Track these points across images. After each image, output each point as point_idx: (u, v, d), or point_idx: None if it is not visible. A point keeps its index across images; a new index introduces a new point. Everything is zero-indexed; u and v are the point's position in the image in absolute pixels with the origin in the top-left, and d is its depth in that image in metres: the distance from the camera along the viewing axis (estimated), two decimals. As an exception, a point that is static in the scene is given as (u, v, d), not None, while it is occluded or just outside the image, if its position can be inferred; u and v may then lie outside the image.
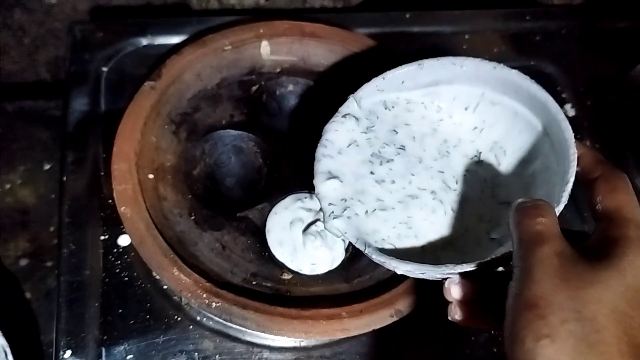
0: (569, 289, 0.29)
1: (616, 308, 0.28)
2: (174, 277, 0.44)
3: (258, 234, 0.50)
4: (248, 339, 0.47)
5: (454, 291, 0.36)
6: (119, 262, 0.50)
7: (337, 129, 0.44)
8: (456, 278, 0.36)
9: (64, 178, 0.53)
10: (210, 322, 0.47)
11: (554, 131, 0.39)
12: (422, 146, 0.44)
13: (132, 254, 0.50)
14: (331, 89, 0.58)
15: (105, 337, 0.46)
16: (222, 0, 0.74)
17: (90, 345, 0.46)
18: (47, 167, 0.68)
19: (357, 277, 0.49)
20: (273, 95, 0.58)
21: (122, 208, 0.47)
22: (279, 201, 0.51)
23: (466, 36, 0.67)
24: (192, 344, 0.47)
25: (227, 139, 0.54)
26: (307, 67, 0.59)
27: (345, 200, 0.41)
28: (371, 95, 0.44)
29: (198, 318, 0.48)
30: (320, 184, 0.42)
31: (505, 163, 0.43)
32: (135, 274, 0.49)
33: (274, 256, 0.49)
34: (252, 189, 0.54)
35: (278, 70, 0.59)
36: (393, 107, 0.45)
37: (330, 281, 0.49)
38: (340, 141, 0.43)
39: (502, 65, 0.42)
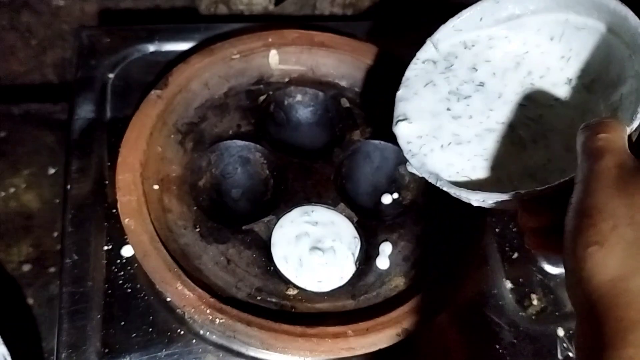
0: (624, 196, 0.28)
1: None
2: (178, 292, 0.44)
3: (263, 247, 0.49)
4: (252, 354, 0.46)
5: (525, 219, 0.36)
6: (122, 273, 0.49)
7: (415, 73, 0.45)
8: (528, 206, 0.36)
9: (68, 186, 0.52)
10: (214, 337, 0.47)
11: (637, 47, 0.38)
12: (503, 81, 0.44)
13: (136, 265, 0.49)
14: (340, 99, 0.58)
15: (106, 350, 0.46)
16: (231, 5, 0.73)
17: (91, 358, 0.45)
18: (51, 171, 0.68)
19: (364, 293, 0.48)
20: (281, 105, 0.57)
21: (126, 220, 0.46)
22: (285, 214, 0.50)
23: None
24: (194, 359, 0.46)
25: (233, 149, 0.54)
26: (315, 77, 0.58)
27: (422, 137, 0.43)
28: (449, 36, 0.45)
29: (201, 332, 0.47)
30: (395, 126, 0.44)
31: (594, 90, 0.42)
32: (139, 285, 0.48)
33: (279, 271, 0.48)
34: (258, 201, 0.53)
35: (286, 79, 0.58)
36: (473, 45, 0.45)
37: (336, 297, 0.48)
38: (418, 83, 0.44)
39: None
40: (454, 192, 0.40)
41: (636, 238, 0.27)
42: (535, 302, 0.52)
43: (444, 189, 0.40)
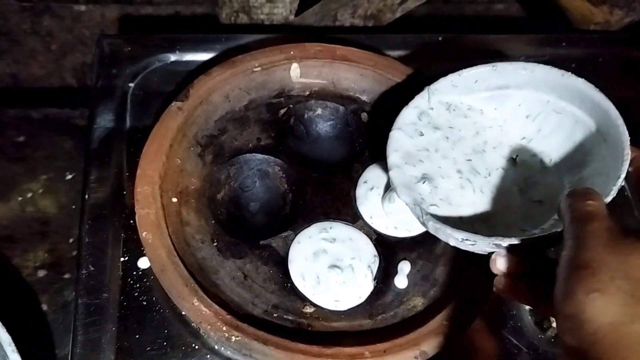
0: (618, 254, 0.32)
1: None
2: (194, 308, 0.43)
3: (281, 263, 0.49)
4: (267, 371, 0.46)
5: (499, 263, 0.39)
6: (138, 285, 0.49)
7: (408, 117, 0.48)
8: (503, 251, 0.39)
9: (86, 196, 0.52)
10: (229, 352, 0.46)
11: (611, 135, 0.42)
12: (458, 144, 0.48)
13: (152, 277, 0.49)
14: (360, 114, 0.57)
15: (121, 363, 0.46)
16: (252, 15, 0.73)
17: (105, 372, 0.45)
18: (69, 176, 0.68)
19: (381, 313, 0.48)
20: (301, 119, 0.56)
21: (144, 233, 0.46)
22: (303, 229, 0.50)
23: (501, 61, 0.65)
24: (209, 374, 0.46)
25: (252, 162, 0.53)
26: (337, 90, 0.57)
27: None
28: (445, 89, 0.49)
29: (216, 347, 0.47)
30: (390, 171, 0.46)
31: (549, 168, 0.47)
32: (154, 298, 0.48)
33: (296, 288, 0.47)
34: (275, 215, 0.52)
35: (307, 93, 0.57)
36: (454, 110, 0.50)
37: (353, 316, 0.47)
38: (407, 128, 0.48)
39: (569, 73, 0.45)
40: (438, 227, 0.42)
41: (633, 290, 0.30)
42: (554, 325, 0.51)
43: (429, 223, 0.43)
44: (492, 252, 0.40)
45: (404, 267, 0.50)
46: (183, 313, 0.47)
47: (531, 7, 0.83)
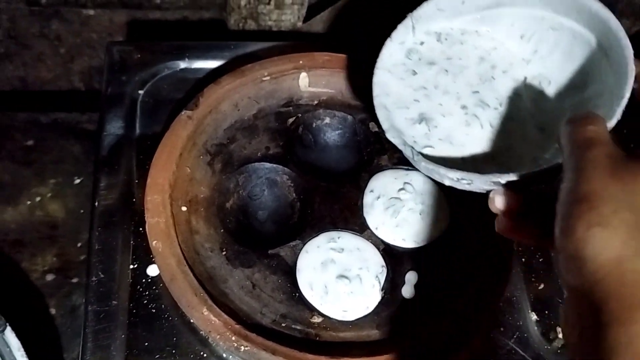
0: (620, 183, 0.29)
1: None
2: (204, 317, 0.44)
3: (289, 273, 0.49)
4: (275, 381, 0.46)
5: (498, 201, 0.37)
6: (147, 292, 0.49)
7: (390, 53, 0.46)
8: (501, 189, 0.37)
9: (96, 203, 0.52)
10: (237, 360, 0.47)
11: (613, 49, 0.38)
12: (460, 75, 0.45)
13: (161, 284, 0.49)
14: (369, 123, 0.57)
15: (130, 371, 0.46)
16: (260, 21, 0.73)
17: (115, 379, 0.46)
18: (77, 181, 0.68)
19: (389, 323, 0.48)
20: (309, 128, 0.57)
21: (154, 242, 0.46)
22: (311, 239, 0.50)
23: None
24: (217, 382, 0.46)
25: (261, 171, 0.54)
26: (345, 100, 0.58)
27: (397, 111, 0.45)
28: (431, 15, 0.45)
29: (224, 355, 0.47)
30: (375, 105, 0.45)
31: (551, 92, 0.44)
32: (163, 305, 0.49)
33: (304, 298, 0.48)
34: (284, 224, 0.53)
35: (315, 102, 0.58)
36: (446, 39, 0.46)
37: (360, 327, 0.48)
38: (391, 65, 0.46)
39: None
40: (431, 167, 0.40)
41: (637, 222, 0.28)
42: (560, 335, 0.51)
43: (422, 164, 0.41)
44: (491, 191, 0.38)
45: (412, 278, 0.50)
46: (192, 321, 0.47)
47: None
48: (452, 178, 0.39)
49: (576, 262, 0.29)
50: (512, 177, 0.36)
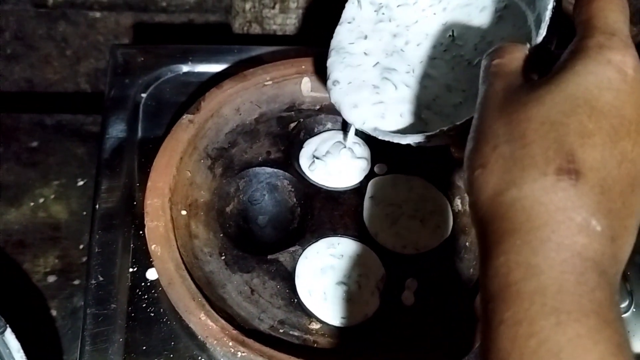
0: (505, 116, 0.29)
1: (547, 119, 0.27)
2: (201, 322, 0.43)
3: (288, 278, 0.49)
4: (272, 388, 0.46)
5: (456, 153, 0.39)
6: (146, 296, 0.49)
7: (341, 34, 0.49)
8: (456, 138, 0.38)
9: (97, 206, 0.52)
10: (234, 365, 0.47)
11: None
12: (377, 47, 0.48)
13: (160, 288, 0.49)
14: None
15: (127, 375, 0.46)
16: (264, 25, 0.73)
17: (112, 383, 0.46)
18: (80, 183, 0.68)
19: (388, 330, 0.48)
20: (311, 133, 0.56)
21: (153, 246, 0.46)
22: (310, 244, 0.50)
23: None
24: (214, 387, 0.46)
25: (262, 176, 0.54)
26: (347, 105, 0.57)
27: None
28: None
29: (222, 360, 0.47)
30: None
31: (503, 19, 0.44)
32: (162, 309, 0.49)
33: (302, 304, 0.47)
34: (284, 229, 0.53)
35: (318, 107, 0.58)
36: (383, 13, 0.49)
37: (359, 333, 0.47)
38: (345, 42, 0.49)
39: None
40: (388, 138, 0.43)
41: (512, 152, 0.28)
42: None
43: (379, 136, 0.44)
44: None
45: (411, 285, 0.50)
46: (190, 326, 0.47)
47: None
48: (410, 142, 0.42)
49: (470, 204, 0.30)
50: (450, 129, 0.38)
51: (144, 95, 0.58)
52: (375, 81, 0.47)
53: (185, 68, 0.60)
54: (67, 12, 0.79)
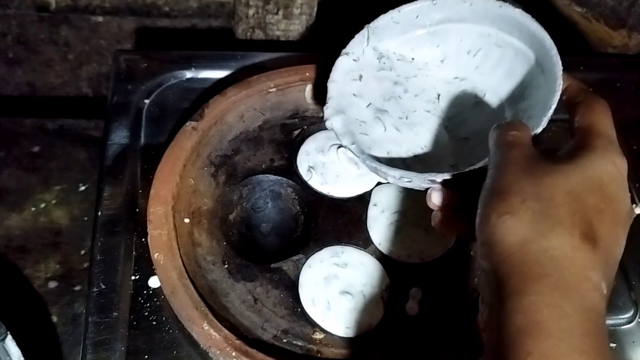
0: (530, 177, 0.33)
1: (572, 191, 0.32)
2: (204, 332, 0.43)
3: (291, 287, 0.49)
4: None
5: (435, 197, 0.41)
6: (148, 304, 0.49)
7: (342, 68, 0.49)
8: (438, 186, 0.41)
9: (99, 213, 0.52)
10: (237, 375, 0.46)
11: (547, 65, 0.43)
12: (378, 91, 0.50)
13: (162, 296, 0.48)
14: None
15: (129, 384, 0.46)
16: (267, 31, 0.73)
17: (114, 392, 0.45)
18: (82, 188, 0.68)
19: (392, 340, 0.47)
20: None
21: (156, 254, 0.46)
22: (314, 253, 0.50)
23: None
24: (216, 397, 0.45)
25: (265, 183, 0.53)
26: (351, 112, 0.57)
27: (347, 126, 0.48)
28: (386, 26, 0.49)
29: (224, 370, 0.46)
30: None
31: (483, 104, 0.49)
32: (164, 318, 0.48)
33: (306, 313, 0.47)
34: (287, 237, 0.52)
35: (321, 114, 0.57)
36: (384, 62, 0.50)
37: (363, 343, 0.47)
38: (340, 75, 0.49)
39: (507, 3, 0.46)
40: (374, 165, 0.44)
41: (541, 208, 0.32)
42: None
43: (367, 162, 0.45)
44: (429, 188, 0.42)
45: (416, 294, 0.49)
46: (193, 335, 0.47)
47: (550, 29, 0.83)
48: (394, 176, 0.43)
49: (489, 246, 0.33)
50: (446, 176, 0.40)
51: (147, 101, 0.58)
52: (366, 119, 0.49)
53: (188, 74, 0.60)
54: (70, 17, 0.79)
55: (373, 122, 0.49)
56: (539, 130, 0.40)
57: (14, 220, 0.65)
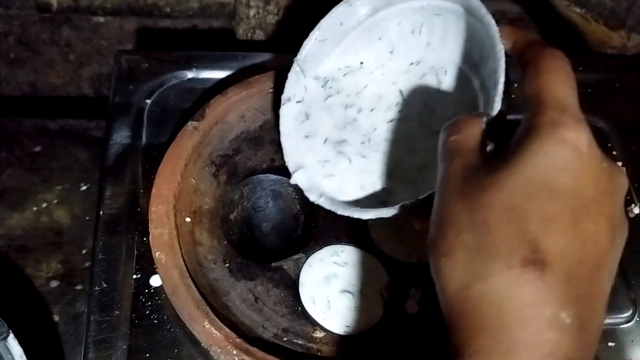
0: (465, 200, 0.28)
1: (509, 206, 0.26)
2: (205, 331, 0.43)
3: (292, 286, 0.49)
4: (276, 396, 0.46)
5: (416, 223, 0.39)
6: (150, 303, 0.49)
7: (288, 115, 0.47)
8: (414, 212, 0.38)
9: (101, 212, 0.52)
10: (238, 374, 0.46)
11: (483, 27, 0.37)
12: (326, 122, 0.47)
13: (164, 295, 0.49)
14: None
15: (131, 382, 0.46)
16: (268, 31, 0.73)
17: (115, 390, 0.45)
18: (83, 187, 0.68)
19: (392, 339, 0.47)
20: (315, 140, 0.56)
21: (157, 253, 0.46)
22: (314, 252, 0.50)
23: (515, 85, 0.65)
24: (217, 395, 0.46)
25: (266, 183, 0.54)
26: (351, 112, 0.57)
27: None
28: (316, 51, 0.45)
29: (225, 368, 0.47)
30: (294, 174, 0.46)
31: (447, 84, 0.43)
32: (165, 316, 0.48)
33: (306, 312, 0.47)
34: (287, 237, 0.53)
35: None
36: (330, 87, 0.47)
37: (363, 342, 0.47)
38: (289, 124, 0.47)
39: None
40: (347, 214, 0.42)
41: (476, 241, 0.27)
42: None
43: (339, 212, 0.43)
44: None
45: (416, 293, 0.50)
46: (194, 334, 0.47)
47: (549, 30, 0.83)
48: (371, 218, 0.41)
49: (438, 293, 0.29)
50: (412, 203, 0.38)
51: (148, 101, 0.58)
52: (328, 157, 0.46)
53: (189, 74, 0.60)
54: (71, 17, 0.80)
55: (336, 159, 0.46)
56: (493, 113, 0.34)
57: (16, 220, 0.65)
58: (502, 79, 0.34)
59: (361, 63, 0.47)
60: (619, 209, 0.28)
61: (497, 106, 0.34)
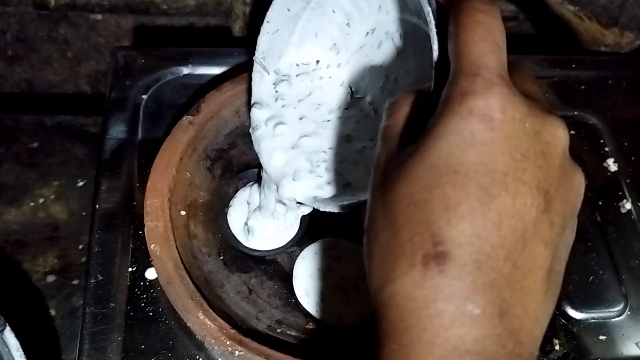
0: (381, 197, 0.26)
1: (412, 199, 0.24)
2: (199, 321, 0.44)
3: (286, 279, 0.49)
4: (269, 386, 0.46)
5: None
6: (145, 295, 0.49)
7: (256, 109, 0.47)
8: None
9: (97, 206, 0.53)
10: (232, 365, 0.47)
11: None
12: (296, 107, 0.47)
13: (159, 288, 0.49)
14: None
15: (125, 373, 0.46)
16: (265, 28, 0.73)
17: (110, 381, 0.46)
18: (80, 183, 0.69)
19: (383, 331, 0.48)
20: (309, 136, 0.57)
21: (152, 246, 0.46)
22: (308, 245, 0.51)
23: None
24: (212, 386, 0.46)
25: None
26: (346, 108, 0.58)
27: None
28: (271, 44, 0.45)
29: (220, 359, 0.47)
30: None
31: (403, 48, 0.41)
32: (160, 309, 0.49)
33: (300, 304, 0.48)
34: (282, 230, 0.53)
35: (317, 110, 0.58)
36: (290, 85, 0.47)
37: (356, 334, 0.48)
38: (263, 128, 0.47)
39: None
40: (327, 208, 0.43)
41: (387, 242, 0.25)
42: (557, 347, 0.51)
43: (316, 205, 0.43)
44: None
45: (408, 286, 0.50)
46: (188, 325, 0.48)
47: (542, 26, 0.84)
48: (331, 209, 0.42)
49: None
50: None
51: (144, 97, 0.59)
52: (299, 160, 0.46)
53: (185, 70, 0.61)
54: (69, 14, 0.80)
55: (306, 161, 0.46)
56: (434, 56, 0.28)
57: (13, 215, 0.65)
58: (435, 46, 0.28)
59: (321, 46, 0.45)
60: (556, 165, 0.24)
61: (435, 47, 0.28)
